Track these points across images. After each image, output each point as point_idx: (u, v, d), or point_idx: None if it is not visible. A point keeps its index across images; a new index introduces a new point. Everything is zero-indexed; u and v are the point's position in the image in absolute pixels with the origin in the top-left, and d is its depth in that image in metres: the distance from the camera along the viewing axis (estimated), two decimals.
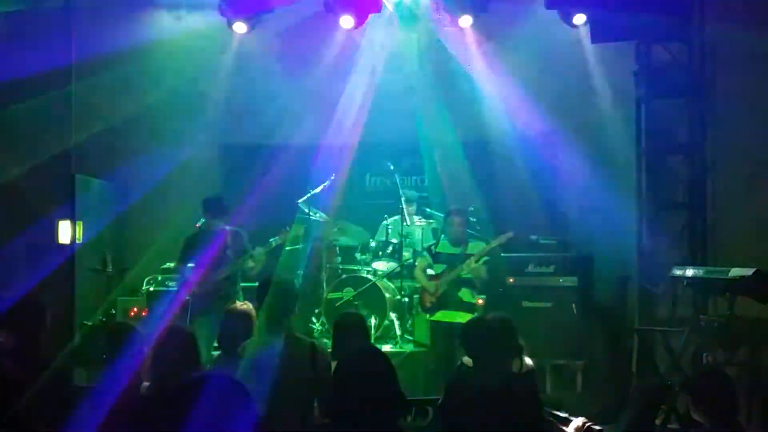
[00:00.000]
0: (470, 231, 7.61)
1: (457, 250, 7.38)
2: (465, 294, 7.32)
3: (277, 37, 9.19)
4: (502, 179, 9.03)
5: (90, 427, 3.76)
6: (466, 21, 8.53)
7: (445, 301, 7.32)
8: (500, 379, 4.56)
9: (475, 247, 7.35)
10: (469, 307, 7.24)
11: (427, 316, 7.56)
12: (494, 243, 7.33)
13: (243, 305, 5.60)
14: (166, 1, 9.31)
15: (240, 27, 8.46)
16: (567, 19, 8.17)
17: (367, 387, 3.01)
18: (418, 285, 7.98)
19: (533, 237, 8.24)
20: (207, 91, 9.26)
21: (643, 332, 7.29)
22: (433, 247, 7.67)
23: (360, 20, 8.44)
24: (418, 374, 7.44)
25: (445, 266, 7.41)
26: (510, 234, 7.31)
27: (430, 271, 7.56)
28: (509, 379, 4.78)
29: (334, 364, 3.45)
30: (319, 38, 9.20)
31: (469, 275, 7.26)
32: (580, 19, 8.08)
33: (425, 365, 7.59)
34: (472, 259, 7.21)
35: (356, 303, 8.16)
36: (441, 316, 7.33)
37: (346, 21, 8.37)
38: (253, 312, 5.30)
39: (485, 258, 7.29)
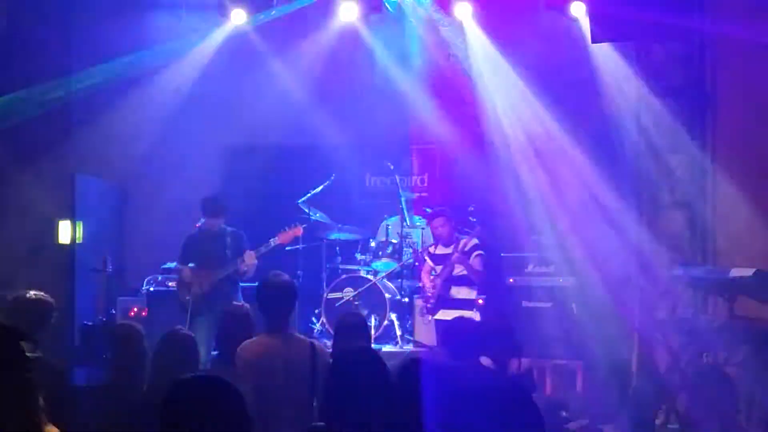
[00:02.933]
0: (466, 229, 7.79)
1: (449, 250, 7.64)
2: (458, 291, 7.61)
3: (278, 37, 9.19)
4: (502, 179, 9.02)
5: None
6: (463, 9, 8.43)
7: (443, 299, 7.60)
8: (499, 378, 4.56)
9: (466, 243, 7.61)
10: (466, 304, 7.51)
11: (429, 316, 7.76)
12: (467, 243, 7.56)
13: (241, 306, 5.59)
14: (167, 1, 9.31)
15: (239, 15, 8.41)
16: (567, 14, 8.10)
17: (360, 387, 3.01)
18: (418, 285, 8.18)
19: (533, 237, 8.24)
20: (207, 91, 9.26)
21: (643, 332, 7.29)
22: (432, 248, 7.88)
23: (359, 14, 8.40)
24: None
25: (442, 266, 7.70)
26: (475, 240, 7.57)
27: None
28: (509, 379, 4.79)
29: None
30: (320, 38, 9.20)
31: (462, 272, 7.52)
32: (578, 8, 7.88)
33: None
34: (455, 257, 7.52)
35: (356, 303, 8.16)
36: (441, 315, 7.54)
37: (347, 11, 8.30)
38: (251, 313, 5.30)
39: (479, 252, 7.56)
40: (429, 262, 7.87)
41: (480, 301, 8.10)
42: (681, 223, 7.47)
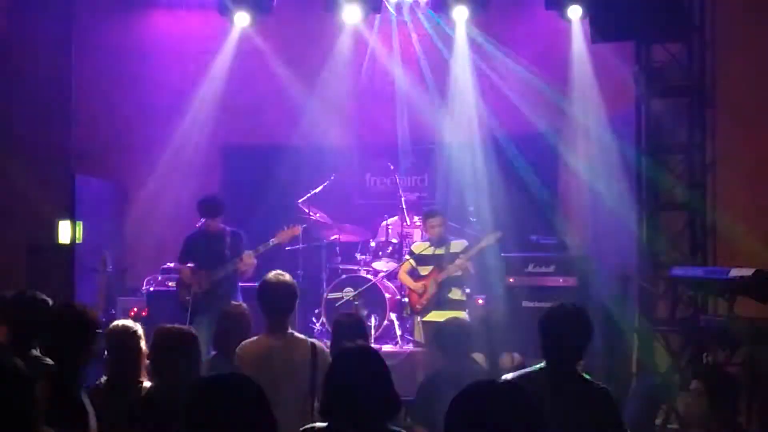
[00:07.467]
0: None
1: (441, 251, 7.55)
2: (454, 292, 7.56)
3: (278, 37, 9.20)
4: (502, 179, 9.02)
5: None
6: (460, 13, 8.43)
7: (437, 301, 7.53)
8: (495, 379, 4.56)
9: (457, 245, 7.58)
10: (460, 305, 7.49)
11: (418, 317, 7.73)
12: (484, 243, 7.49)
13: (239, 305, 5.59)
14: (167, 0, 9.32)
15: (242, 18, 8.42)
16: (565, 15, 8.18)
17: (360, 386, 3.00)
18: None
19: (533, 237, 8.24)
20: (207, 91, 9.26)
21: (643, 332, 7.28)
22: (416, 249, 7.80)
23: (361, 17, 8.41)
24: (417, 374, 7.45)
25: (431, 267, 7.58)
26: (498, 234, 7.50)
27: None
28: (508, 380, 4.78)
29: None
30: (320, 38, 9.21)
31: (457, 273, 7.48)
32: (575, 12, 8.04)
33: (425, 365, 7.60)
34: (463, 257, 7.43)
35: (356, 303, 8.16)
36: (434, 316, 7.45)
37: (351, 14, 8.31)
38: (248, 312, 5.30)
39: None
40: (411, 262, 7.77)
41: (480, 301, 8.13)
42: (681, 223, 7.47)
